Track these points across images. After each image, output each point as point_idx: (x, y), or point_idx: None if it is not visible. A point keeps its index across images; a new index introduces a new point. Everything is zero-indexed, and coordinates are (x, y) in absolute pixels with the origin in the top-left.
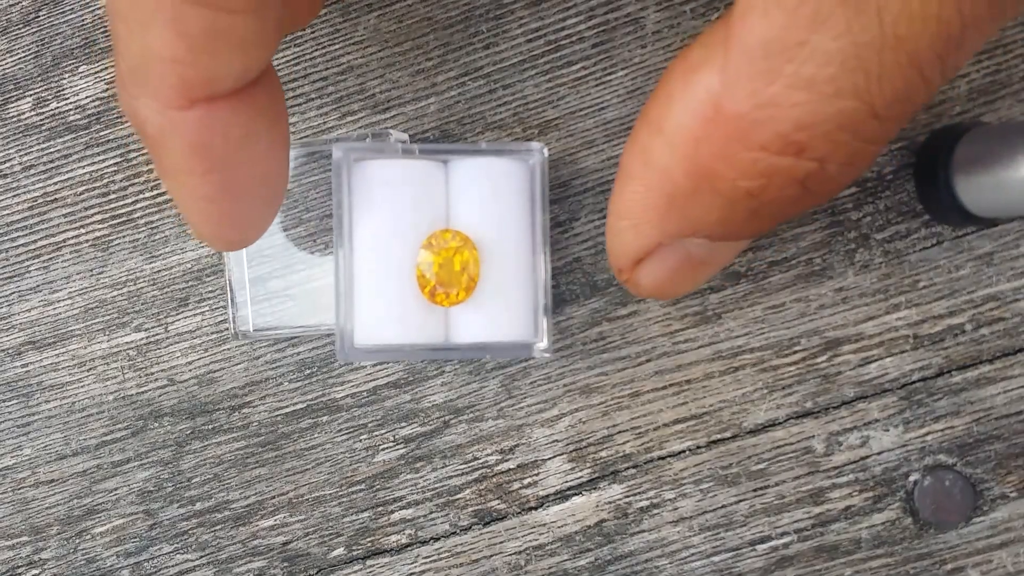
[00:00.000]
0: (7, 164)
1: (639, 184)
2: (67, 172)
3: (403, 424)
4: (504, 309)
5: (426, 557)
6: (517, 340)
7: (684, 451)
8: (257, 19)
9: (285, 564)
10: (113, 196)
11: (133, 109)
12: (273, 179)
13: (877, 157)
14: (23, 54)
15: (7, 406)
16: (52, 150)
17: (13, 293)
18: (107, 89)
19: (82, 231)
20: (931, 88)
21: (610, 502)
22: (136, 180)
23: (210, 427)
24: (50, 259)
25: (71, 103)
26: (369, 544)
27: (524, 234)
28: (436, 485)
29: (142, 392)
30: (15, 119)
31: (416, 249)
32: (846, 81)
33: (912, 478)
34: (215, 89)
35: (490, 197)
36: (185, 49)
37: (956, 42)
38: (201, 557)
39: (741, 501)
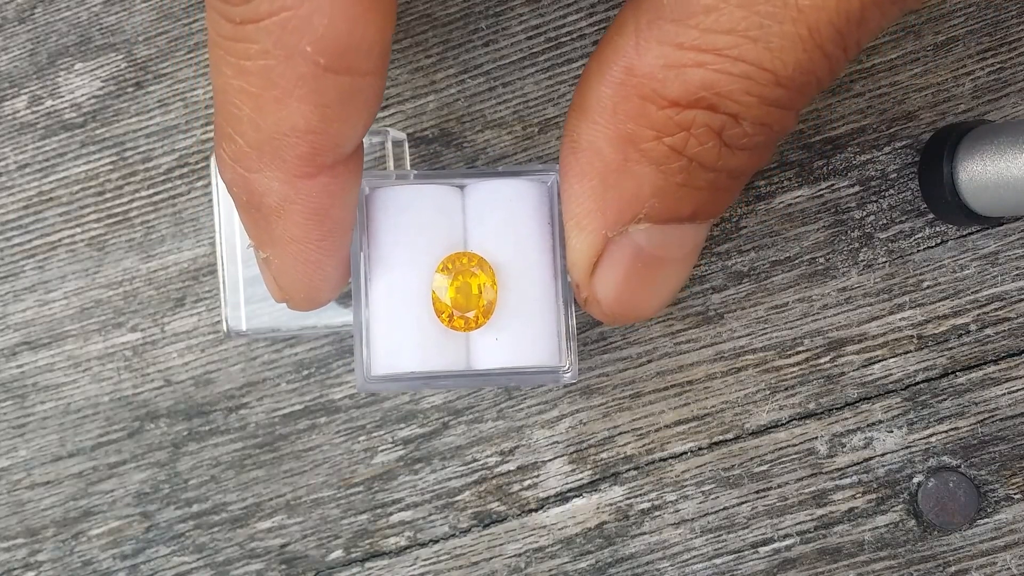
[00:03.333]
0: (2, 163)
1: (572, 176)
2: (62, 171)
3: (402, 425)
4: (526, 333)
5: (425, 559)
6: (541, 365)
7: (686, 452)
8: (381, 76)
9: (283, 566)
10: (109, 195)
11: (249, 183)
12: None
13: (794, 122)
14: (18, 51)
15: (2, 407)
16: (47, 148)
17: (8, 293)
18: (103, 87)
19: (77, 230)
20: (834, 65)
21: (611, 504)
22: (132, 179)
23: (207, 428)
24: (45, 259)
25: (66, 101)
26: (368, 546)
27: (544, 256)
28: (435, 487)
29: (138, 393)
30: (10, 117)
31: (432, 274)
32: (748, 49)
33: (916, 480)
34: (340, 153)
35: (507, 220)
36: (320, 118)
37: (856, 19)
38: (198, 559)
39: (743, 503)
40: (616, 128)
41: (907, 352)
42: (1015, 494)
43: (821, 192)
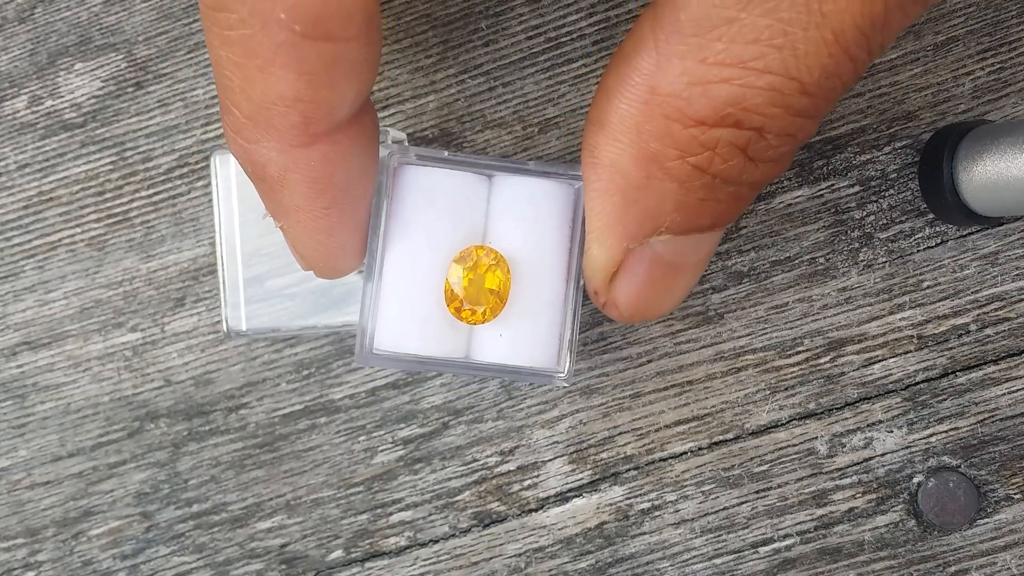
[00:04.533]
0: (2, 163)
1: (593, 191)
2: (62, 171)
3: (402, 425)
4: (531, 333)
5: (425, 559)
6: (538, 367)
7: (686, 452)
8: (368, 43)
9: (283, 566)
10: (109, 195)
11: (250, 154)
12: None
13: (815, 129)
14: (18, 52)
15: (2, 407)
16: (47, 148)
17: (8, 293)
18: (103, 87)
19: (77, 230)
20: (858, 67)
21: (611, 504)
22: (132, 179)
23: (207, 428)
24: (45, 259)
25: (66, 101)
26: (368, 546)
27: (560, 260)
28: (435, 487)
29: (138, 393)
30: (10, 117)
31: (448, 262)
32: (774, 58)
33: (916, 480)
34: (334, 121)
35: (530, 218)
36: (306, 86)
37: (881, 22)
38: (198, 559)
39: (743, 503)
40: (640, 148)
41: (907, 352)
42: (1015, 494)
43: (821, 192)
